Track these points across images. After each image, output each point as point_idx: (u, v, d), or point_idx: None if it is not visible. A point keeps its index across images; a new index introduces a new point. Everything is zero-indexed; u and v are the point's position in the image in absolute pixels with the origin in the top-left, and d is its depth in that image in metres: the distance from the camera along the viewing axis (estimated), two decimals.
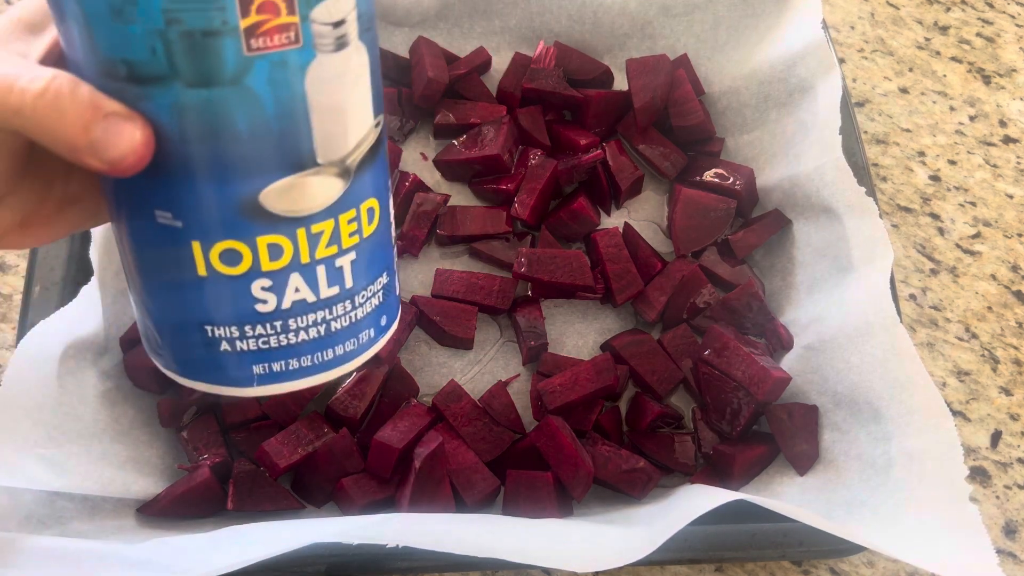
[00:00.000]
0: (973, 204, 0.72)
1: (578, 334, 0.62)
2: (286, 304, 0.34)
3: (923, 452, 0.48)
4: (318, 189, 0.32)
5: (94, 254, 0.52)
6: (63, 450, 0.48)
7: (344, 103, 0.32)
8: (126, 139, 0.28)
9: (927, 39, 0.80)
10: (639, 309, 0.61)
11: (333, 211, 0.33)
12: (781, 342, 0.58)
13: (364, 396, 0.55)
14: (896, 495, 0.48)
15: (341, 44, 0.31)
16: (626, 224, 0.64)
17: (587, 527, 0.47)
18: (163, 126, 0.29)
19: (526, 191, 0.62)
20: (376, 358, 0.55)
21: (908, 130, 0.75)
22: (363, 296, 0.37)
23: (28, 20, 0.31)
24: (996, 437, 0.63)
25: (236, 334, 0.34)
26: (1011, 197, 0.72)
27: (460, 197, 0.66)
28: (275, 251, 0.33)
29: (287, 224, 0.32)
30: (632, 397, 0.59)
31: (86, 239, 0.56)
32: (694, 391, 0.59)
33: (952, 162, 0.73)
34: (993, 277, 0.69)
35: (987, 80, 0.78)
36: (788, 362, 0.57)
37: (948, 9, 0.82)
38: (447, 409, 0.55)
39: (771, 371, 0.53)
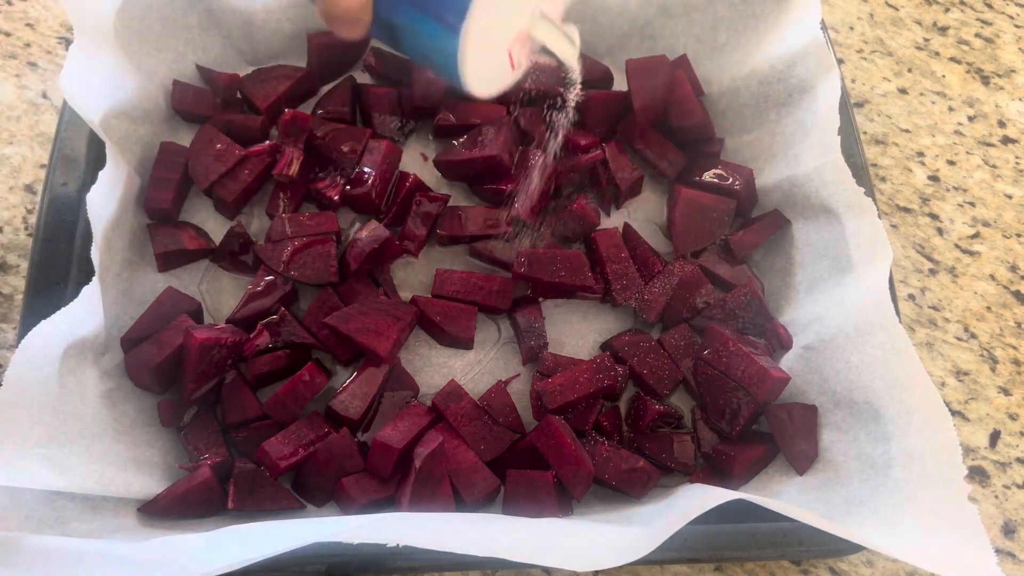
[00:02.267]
0: (972, 204, 0.72)
1: (578, 334, 0.62)
2: None
3: (922, 452, 0.48)
4: None
5: (95, 254, 0.52)
6: (64, 449, 0.48)
7: None
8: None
9: (926, 40, 0.80)
10: (639, 309, 0.61)
11: None
12: (780, 342, 0.58)
13: (364, 396, 0.55)
14: (895, 495, 0.48)
15: None
16: (626, 224, 0.64)
17: (587, 527, 0.47)
18: None
19: (526, 191, 0.62)
20: (376, 357, 0.56)
21: (907, 130, 0.75)
22: None
23: None
24: (995, 437, 0.63)
25: None
26: (1010, 197, 0.72)
27: (460, 197, 0.66)
28: None
29: None
30: (632, 397, 0.59)
31: (87, 239, 0.56)
32: (694, 391, 0.59)
33: (951, 162, 0.74)
34: (992, 277, 0.69)
35: (986, 81, 0.78)
36: (788, 362, 0.57)
37: (947, 10, 0.82)
38: (447, 409, 0.55)
39: (770, 371, 0.53)
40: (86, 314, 0.51)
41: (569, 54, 0.45)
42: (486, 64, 0.44)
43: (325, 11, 0.41)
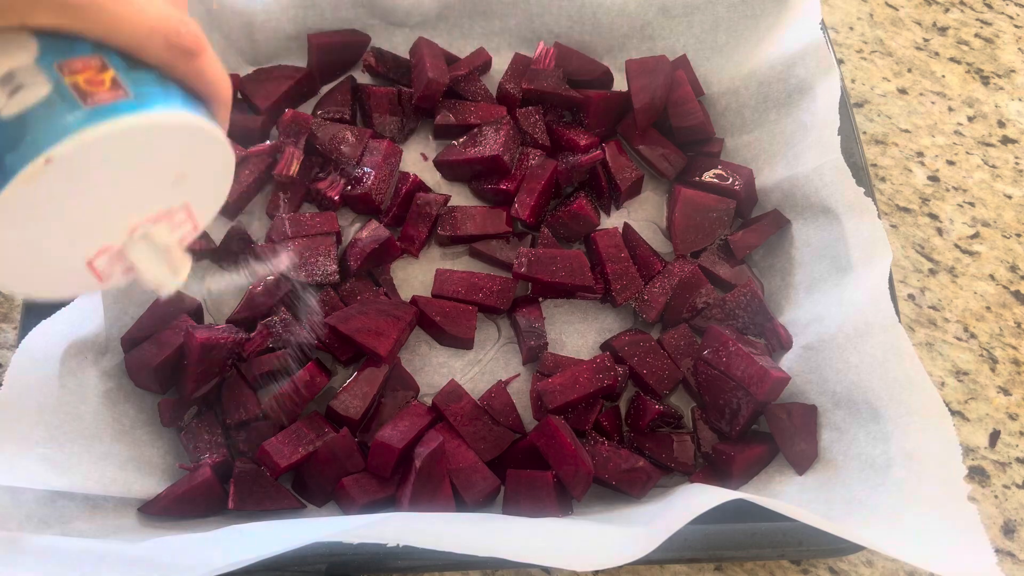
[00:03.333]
0: (972, 204, 0.72)
1: (578, 334, 0.62)
2: None
3: (922, 452, 0.48)
4: None
5: None
6: (64, 450, 0.48)
7: None
8: None
9: (926, 40, 0.80)
10: (639, 309, 0.61)
11: None
12: (780, 342, 0.58)
13: (364, 396, 0.55)
14: (895, 494, 0.48)
15: None
16: (626, 224, 0.64)
17: (587, 526, 0.47)
18: None
19: (526, 191, 0.62)
20: (376, 357, 0.56)
21: (907, 131, 0.75)
22: None
23: None
24: (995, 437, 0.63)
25: None
26: (1010, 197, 0.72)
27: (460, 197, 0.66)
28: None
29: None
30: (632, 397, 0.59)
31: None
32: (694, 391, 0.59)
33: (951, 162, 0.74)
34: (992, 277, 0.69)
35: (985, 81, 0.78)
36: (787, 362, 0.57)
37: (947, 10, 0.82)
38: (447, 409, 0.55)
39: (770, 371, 0.53)
40: (86, 314, 0.51)
41: (165, 285, 0.37)
42: (36, 258, 0.35)
43: None
